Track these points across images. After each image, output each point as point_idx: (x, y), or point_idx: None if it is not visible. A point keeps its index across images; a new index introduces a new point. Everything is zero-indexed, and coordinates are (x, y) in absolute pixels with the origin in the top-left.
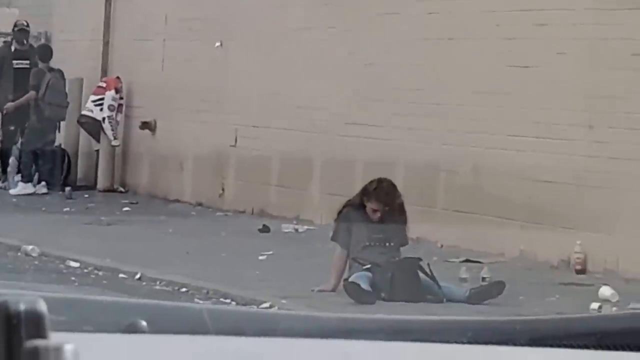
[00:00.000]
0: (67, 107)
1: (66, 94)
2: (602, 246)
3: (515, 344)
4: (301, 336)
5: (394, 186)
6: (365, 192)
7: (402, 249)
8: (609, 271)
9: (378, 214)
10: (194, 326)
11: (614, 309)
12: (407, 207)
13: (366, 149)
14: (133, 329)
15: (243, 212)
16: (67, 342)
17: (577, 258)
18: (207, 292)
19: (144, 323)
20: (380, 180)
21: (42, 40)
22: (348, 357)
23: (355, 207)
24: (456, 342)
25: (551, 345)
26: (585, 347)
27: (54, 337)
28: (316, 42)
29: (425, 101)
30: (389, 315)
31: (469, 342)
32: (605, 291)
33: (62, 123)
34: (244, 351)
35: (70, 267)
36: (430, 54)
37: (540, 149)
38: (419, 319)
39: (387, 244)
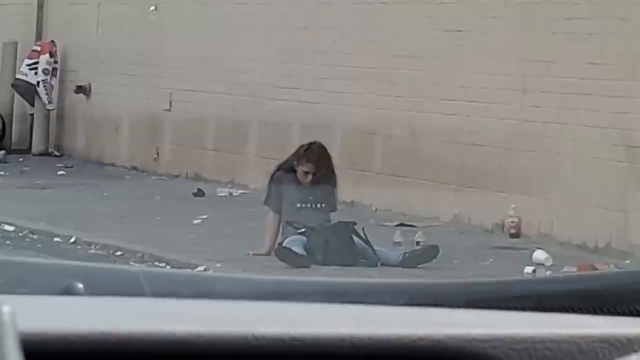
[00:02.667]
0: None
1: None
2: (536, 210)
3: (451, 306)
4: (237, 298)
5: (324, 148)
6: (296, 154)
7: (332, 213)
8: (543, 235)
9: (309, 176)
10: (130, 289)
11: (548, 272)
12: (341, 171)
13: (299, 113)
14: (69, 291)
15: (178, 176)
16: (3, 303)
17: (511, 222)
18: (142, 256)
19: (80, 285)
20: (310, 143)
21: None
22: (284, 318)
23: (286, 171)
24: (392, 305)
25: (488, 308)
26: (522, 309)
27: None
28: (249, 5)
29: (357, 65)
30: (324, 278)
31: (406, 304)
32: (540, 255)
33: None
34: (180, 313)
35: (5, 230)
36: (363, 18)
37: (473, 113)
38: (355, 281)
39: (319, 206)
